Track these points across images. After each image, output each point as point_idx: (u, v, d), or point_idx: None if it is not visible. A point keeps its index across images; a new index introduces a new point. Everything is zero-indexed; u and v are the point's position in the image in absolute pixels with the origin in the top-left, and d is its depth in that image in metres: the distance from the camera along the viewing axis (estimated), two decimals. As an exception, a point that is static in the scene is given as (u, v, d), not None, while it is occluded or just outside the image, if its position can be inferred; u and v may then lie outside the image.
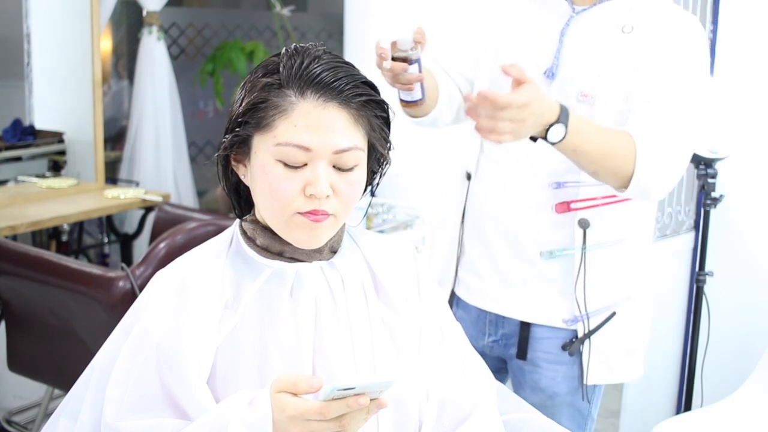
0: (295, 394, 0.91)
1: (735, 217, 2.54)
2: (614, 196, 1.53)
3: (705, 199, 2.37)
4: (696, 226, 2.64)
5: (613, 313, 1.58)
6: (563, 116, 1.35)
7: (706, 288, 2.44)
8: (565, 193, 1.55)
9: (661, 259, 2.51)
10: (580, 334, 1.57)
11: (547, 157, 1.51)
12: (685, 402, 2.49)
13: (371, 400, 0.89)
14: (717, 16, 2.48)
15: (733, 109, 2.37)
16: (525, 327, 1.61)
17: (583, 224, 1.54)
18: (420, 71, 1.44)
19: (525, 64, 1.37)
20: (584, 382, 1.59)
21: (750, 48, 2.46)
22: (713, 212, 2.42)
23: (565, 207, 1.55)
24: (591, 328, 1.57)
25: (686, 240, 2.61)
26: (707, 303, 2.46)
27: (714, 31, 2.50)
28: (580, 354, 1.59)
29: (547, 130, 1.35)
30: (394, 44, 1.41)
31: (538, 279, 1.59)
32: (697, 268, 2.45)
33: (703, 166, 2.34)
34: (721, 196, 2.37)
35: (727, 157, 2.34)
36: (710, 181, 2.33)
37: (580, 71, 1.51)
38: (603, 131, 1.42)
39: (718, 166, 2.35)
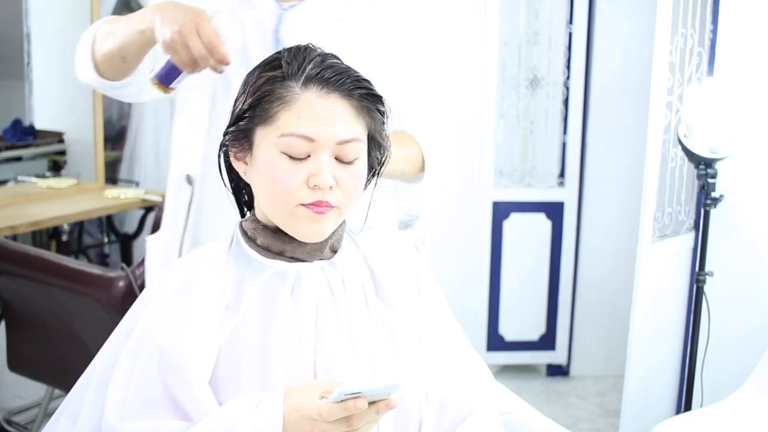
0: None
1: (735, 217, 2.54)
2: None
3: (705, 199, 2.37)
4: (696, 226, 2.63)
5: None
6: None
7: (706, 288, 2.44)
8: None
9: (661, 259, 2.51)
10: None
11: None
12: (685, 402, 2.49)
13: (380, 401, 0.91)
14: (717, 16, 2.48)
15: (733, 109, 2.37)
16: None
17: None
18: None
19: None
20: None
21: (750, 48, 2.46)
22: (713, 212, 2.41)
23: None
24: None
25: (686, 240, 2.61)
26: (707, 303, 2.46)
27: (714, 31, 2.50)
28: None
29: None
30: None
31: None
32: (697, 268, 2.45)
33: (703, 166, 2.34)
34: (721, 196, 2.37)
35: (727, 157, 2.34)
36: (710, 181, 2.33)
37: None
38: (400, 151, 1.56)
39: (718, 166, 2.35)
